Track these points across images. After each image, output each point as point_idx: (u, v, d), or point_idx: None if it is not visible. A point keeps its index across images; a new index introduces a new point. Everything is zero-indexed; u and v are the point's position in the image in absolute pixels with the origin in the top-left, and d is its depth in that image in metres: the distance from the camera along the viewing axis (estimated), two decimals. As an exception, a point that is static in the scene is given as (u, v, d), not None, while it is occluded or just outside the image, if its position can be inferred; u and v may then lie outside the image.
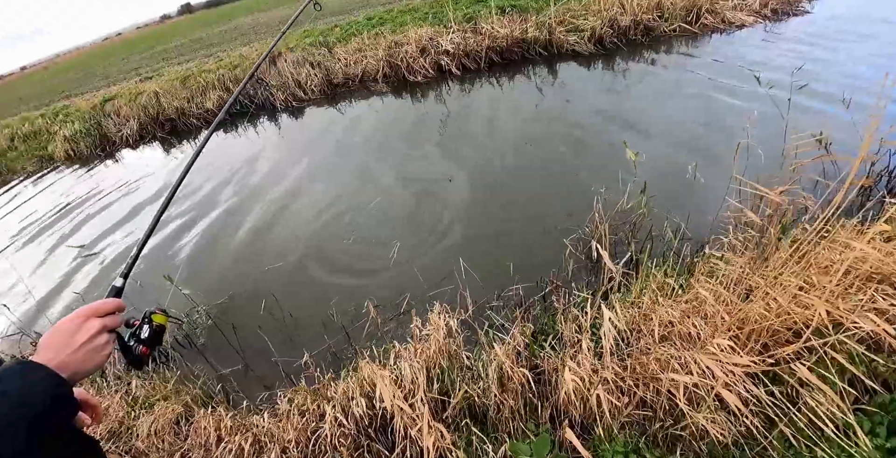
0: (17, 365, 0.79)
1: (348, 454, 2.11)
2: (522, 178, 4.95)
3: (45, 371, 0.79)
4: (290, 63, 10.01)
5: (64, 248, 6.26)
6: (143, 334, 1.03)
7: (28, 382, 0.77)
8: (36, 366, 0.79)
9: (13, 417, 0.72)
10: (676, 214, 3.63)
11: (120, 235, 6.18)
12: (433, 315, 2.64)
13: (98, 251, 5.84)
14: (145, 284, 4.54)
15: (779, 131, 3.89)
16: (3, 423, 0.71)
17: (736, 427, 1.87)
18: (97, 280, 5.12)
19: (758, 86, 4.48)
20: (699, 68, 6.73)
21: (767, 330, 2.12)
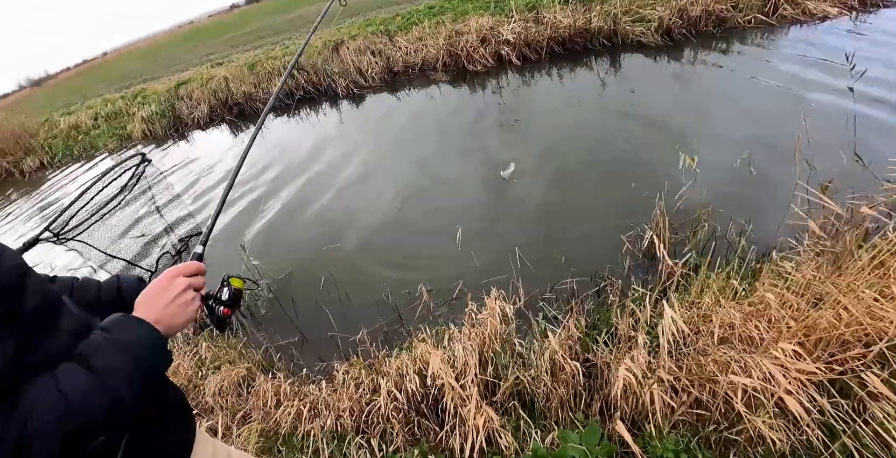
0: (124, 317, 0.89)
1: (399, 428, 2.18)
2: (581, 172, 4.87)
3: (148, 326, 0.88)
4: (351, 51, 10.22)
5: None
6: (224, 297, 1.12)
7: (137, 334, 0.87)
8: (140, 320, 0.89)
9: (130, 366, 0.81)
10: (743, 217, 3.48)
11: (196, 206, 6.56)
12: (489, 300, 2.68)
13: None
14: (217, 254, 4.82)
15: (867, 134, 3.65)
16: (123, 373, 0.80)
17: (795, 436, 1.81)
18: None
19: (843, 82, 4.20)
20: (776, 62, 6.34)
21: (837, 340, 2.02)
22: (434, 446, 2.12)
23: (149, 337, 0.87)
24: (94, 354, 0.80)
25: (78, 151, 12.51)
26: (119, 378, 0.79)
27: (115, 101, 15.57)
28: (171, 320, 0.93)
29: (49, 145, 13.36)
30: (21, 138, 13.85)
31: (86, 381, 0.75)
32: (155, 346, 0.88)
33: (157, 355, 0.88)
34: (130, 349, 0.83)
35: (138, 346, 0.85)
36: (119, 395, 0.78)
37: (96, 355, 0.80)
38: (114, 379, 0.78)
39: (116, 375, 0.79)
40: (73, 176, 10.97)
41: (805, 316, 2.09)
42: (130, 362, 0.82)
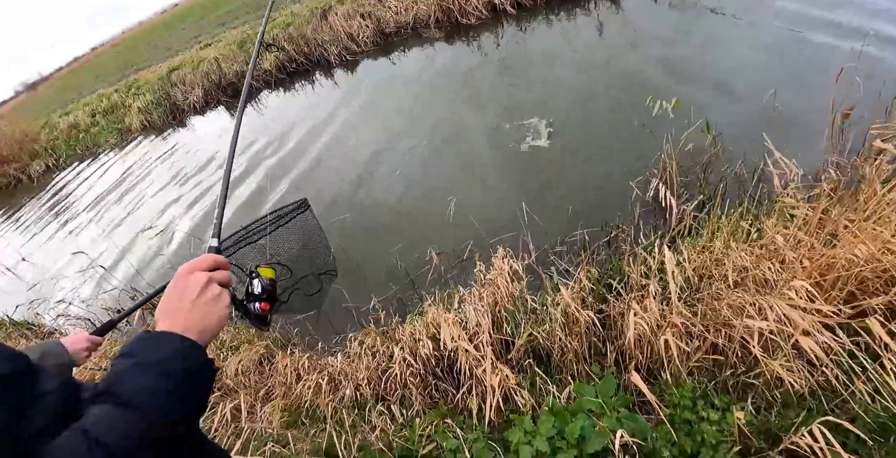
0: (145, 334, 0.75)
1: (417, 393, 2.17)
2: (584, 121, 4.70)
3: (176, 336, 0.74)
4: (340, 16, 9.85)
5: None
6: (256, 290, 1.00)
7: (166, 349, 0.72)
8: (164, 333, 0.74)
9: (169, 386, 0.69)
10: (754, 155, 3.31)
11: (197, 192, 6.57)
12: (497, 259, 2.62)
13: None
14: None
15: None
16: (162, 395, 0.68)
17: (814, 378, 1.74)
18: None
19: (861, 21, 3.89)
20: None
21: (855, 277, 1.92)
22: (452, 407, 2.13)
23: (180, 349, 0.73)
24: (119, 384, 0.67)
25: (81, 150, 12.58)
26: (159, 403, 0.67)
27: (111, 95, 15.48)
28: (201, 323, 0.77)
29: (52, 148, 13.46)
30: (24, 144, 13.96)
31: (121, 417, 0.65)
32: (190, 356, 0.73)
33: (196, 365, 0.73)
34: (163, 367, 0.70)
35: (171, 360, 0.71)
36: (165, 419, 0.67)
37: (123, 385, 0.67)
38: (154, 407, 0.66)
39: (155, 399, 0.67)
40: (78, 170, 11.09)
41: (820, 255, 1.98)
42: (167, 382, 0.69)
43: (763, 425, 1.72)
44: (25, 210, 10.37)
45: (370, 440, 2.06)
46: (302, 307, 2.00)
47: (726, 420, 1.73)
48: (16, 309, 4.84)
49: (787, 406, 1.78)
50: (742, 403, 1.81)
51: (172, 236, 5.53)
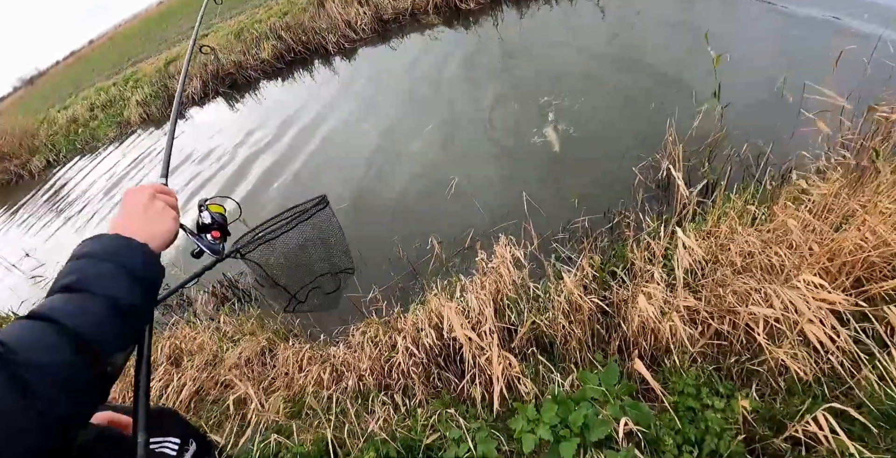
0: (92, 239, 0.76)
1: (420, 382, 2.17)
2: (586, 106, 4.62)
3: (127, 238, 0.76)
4: (337, 4, 9.71)
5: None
6: (206, 221, 1.08)
7: (116, 244, 0.75)
8: (115, 235, 0.77)
9: (120, 271, 0.71)
10: (759, 138, 3.26)
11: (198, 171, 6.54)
12: (499, 248, 2.59)
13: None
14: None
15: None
16: (115, 278, 0.70)
17: (819, 364, 1.72)
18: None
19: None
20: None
21: (863, 263, 1.89)
22: (455, 396, 2.12)
23: (131, 246, 0.75)
24: (70, 275, 0.68)
25: (80, 144, 12.51)
26: (112, 284, 0.68)
27: (108, 88, 15.39)
28: (151, 229, 0.81)
29: (52, 143, 13.40)
30: (23, 140, 13.91)
31: (77, 300, 0.65)
32: (140, 251, 0.76)
33: (146, 261, 0.75)
34: (114, 258, 0.71)
35: (122, 253, 0.73)
36: (118, 300, 0.67)
37: (74, 275, 0.68)
38: (106, 287, 0.68)
39: (106, 281, 0.68)
40: (79, 165, 11.07)
41: (828, 239, 1.95)
42: (119, 268, 0.70)
43: (768, 412, 1.70)
44: (27, 206, 10.37)
45: (374, 430, 2.06)
46: (321, 305, 2.03)
47: (731, 408, 1.71)
48: (21, 305, 4.87)
49: (791, 393, 1.76)
50: (746, 390, 1.79)
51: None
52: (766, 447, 1.66)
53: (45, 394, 0.57)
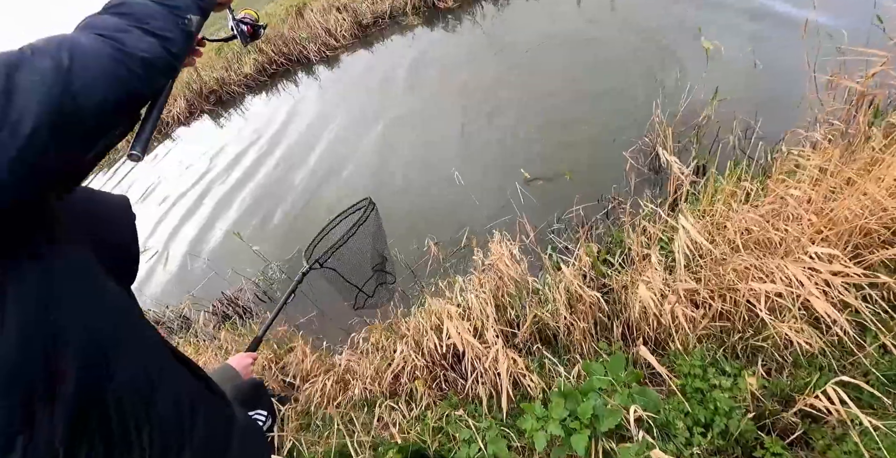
0: None
1: (426, 386, 2.15)
2: (572, 92, 4.60)
3: None
4: (316, 12, 9.69)
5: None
6: (242, 17, 1.29)
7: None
8: None
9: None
10: (747, 113, 3.25)
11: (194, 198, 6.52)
12: (493, 244, 2.58)
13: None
14: (221, 247, 4.81)
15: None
16: (184, 4, 0.79)
17: (824, 337, 1.72)
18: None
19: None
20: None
21: (860, 230, 1.88)
22: (463, 397, 2.10)
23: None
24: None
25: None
26: (177, 4, 0.78)
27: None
28: None
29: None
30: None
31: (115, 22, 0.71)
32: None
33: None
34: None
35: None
36: (182, 17, 0.77)
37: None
38: (178, 4, 0.78)
39: (175, 1, 0.78)
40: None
41: (825, 209, 1.93)
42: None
43: (775, 387, 1.69)
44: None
45: (384, 436, 2.05)
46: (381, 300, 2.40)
47: (738, 386, 1.70)
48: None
49: (798, 366, 1.75)
50: (753, 367, 1.78)
51: (168, 256, 5.48)
52: (777, 422, 1.65)
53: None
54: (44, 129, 0.57)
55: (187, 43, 0.79)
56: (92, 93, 0.62)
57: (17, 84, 0.57)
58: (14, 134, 0.55)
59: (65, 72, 0.60)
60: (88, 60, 0.62)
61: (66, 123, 0.59)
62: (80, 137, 0.63)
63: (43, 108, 0.57)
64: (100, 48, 0.64)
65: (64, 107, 0.59)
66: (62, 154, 0.61)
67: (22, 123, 0.55)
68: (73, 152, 0.63)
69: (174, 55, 0.74)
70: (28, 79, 0.57)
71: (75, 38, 0.64)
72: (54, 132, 0.58)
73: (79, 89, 0.60)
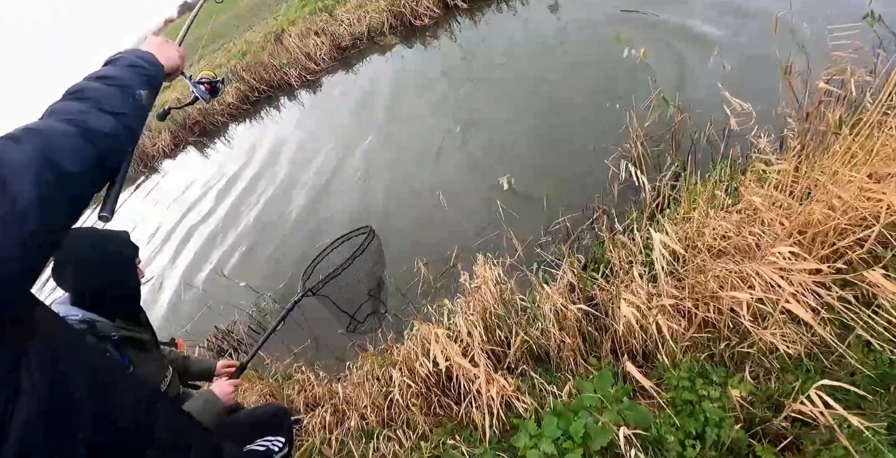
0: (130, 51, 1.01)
1: (422, 413, 2.15)
2: (549, 104, 4.67)
3: (142, 51, 1.04)
4: (294, 37, 9.81)
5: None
6: (199, 78, 1.47)
7: (134, 54, 1.00)
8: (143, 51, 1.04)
9: (138, 76, 0.94)
10: (722, 114, 3.29)
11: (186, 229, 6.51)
12: (478, 267, 2.59)
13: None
14: (212, 283, 4.80)
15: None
16: (134, 81, 0.92)
17: (808, 338, 1.73)
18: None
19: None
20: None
21: (834, 230, 1.91)
22: (457, 422, 2.10)
23: (144, 55, 1.01)
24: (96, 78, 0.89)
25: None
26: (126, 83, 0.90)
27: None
28: (162, 53, 1.07)
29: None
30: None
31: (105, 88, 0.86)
32: (151, 61, 1.01)
33: (157, 65, 1.03)
34: (131, 63, 0.96)
35: (148, 60, 1.00)
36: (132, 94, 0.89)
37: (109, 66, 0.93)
38: (127, 83, 0.90)
39: (125, 82, 0.90)
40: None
41: (797, 213, 1.96)
42: (133, 71, 0.94)
43: (764, 393, 1.70)
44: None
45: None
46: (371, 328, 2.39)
47: (726, 395, 1.71)
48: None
49: (785, 371, 1.76)
50: (740, 374, 1.79)
51: (162, 285, 5.48)
52: (768, 428, 1.66)
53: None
54: (35, 202, 0.66)
55: (140, 115, 0.90)
56: (71, 166, 0.72)
57: (6, 169, 0.65)
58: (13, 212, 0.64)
59: (44, 154, 0.69)
60: (61, 142, 0.72)
61: (52, 195, 0.69)
62: (65, 204, 0.72)
63: (32, 186, 0.66)
64: (67, 130, 0.74)
65: (50, 181, 0.69)
66: (50, 221, 0.70)
67: (18, 202, 0.65)
68: (59, 218, 0.72)
69: (129, 127, 0.85)
70: (15, 163, 0.66)
71: (47, 124, 0.75)
72: (43, 204, 0.67)
73: (58, 166, 0.70)
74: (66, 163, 0.71)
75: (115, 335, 1.36)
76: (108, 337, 1.34)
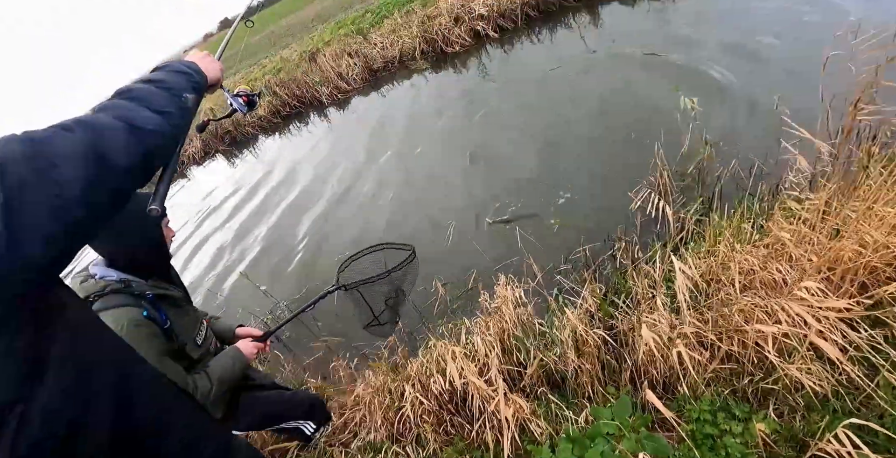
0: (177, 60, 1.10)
1: (432, 430, 2.13)
2: (576, 136, 4.72)
3: (188, 61, 1.12)
4: (328, 57, 10.13)
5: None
6: (238, 91, 1.55)
7: (181, 63, 1.08)
8: (189, 60, 1.13)
9: (185, 81, 1.01)
10: (751, 152, 3.31)
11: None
12: (499, 288, 2.60)
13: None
14: (230, 289, 4.86)
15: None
16: (180, 85, 0.98)
17: (835, 376, 1.69)
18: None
19: None
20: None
21: (865, 268, 1.89)
22: (469, 443, 2.07)
23: (191, 64, 1.10)
24: (144, 81, 0.95)
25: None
26: (173, 86, 0.96)
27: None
28: (205, 65, 1.15)
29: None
30: None
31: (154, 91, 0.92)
32: (196, 69, 1.09)
33: (202, 74, 1.10)
34: (178, 69, 1.03)
35: (193, 69, 1.07)
36: (179, 96, 0.95)
37: (146, 81, 0.95)
38: (174, 86, 0.96)
39: (172, 85, 0.96)
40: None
41: (826, 249, 1.95)
42: (180, 76, 1.01)
43: (788, 431, 1.66)
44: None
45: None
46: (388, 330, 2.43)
47: (749, 431, 1.67)
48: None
49: (810, 409, 1.72)
50: (764, 410, 1.75)
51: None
52: (791, 470, 1.61)
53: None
54: (82, 191, 0.70)
55: (185, 116, 0.96)
56: (118, 159, 0.76)
57: (59, 156, 0.69)
58: (62, 197, 0.68)
59: (93, 146, 0.73)
60: (109, 136, 0.76)
61: (97, 185, 0.72)
62: (109, 195, 0.76)
63: (81, 174, 0.70)
64: (115, 125, 0.79)
65: (97, 172, 0.72)
66: (95, 211, 0.74)
67: (67, 189, 0.68)
68: (102, 210, 0.76)
69: (174, 126, 0.90)
70: (66, 152, 0.70)
71: (98, 118, 0.79)
72: (89, 194, 0.71)
73: (106, 158, 0.74)
74: (113, 156, 0.75)
75: (150, 293, 1.43)
76: (144, 295, 1.41)
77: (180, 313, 1.56)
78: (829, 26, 4.14)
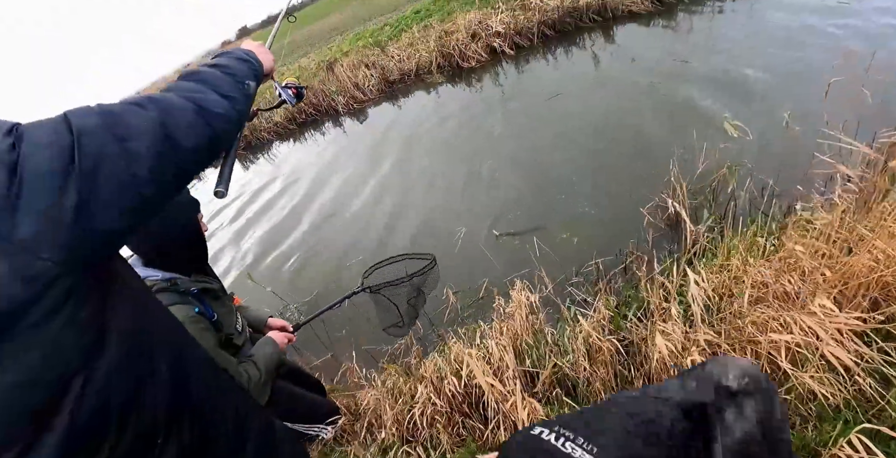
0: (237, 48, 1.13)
1: (444, 431, 2.15)
2: (590, 152, 4.79)
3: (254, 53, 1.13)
4: (346, 67, 10.31)
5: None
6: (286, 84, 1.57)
7: (246, 52, 1.11)
8: (248, 49, 1.14)
9: (247, 69, 1.04)
10: (764, 170, 3.36)
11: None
12: (514, 293, 2.64)
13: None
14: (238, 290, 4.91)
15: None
16: (243, 72, 1.01)
17: (848, 387, 1.71)
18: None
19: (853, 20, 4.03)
20: (776, 5, 6.14)
21: (877, 283, 1.92)
22: (481, 445, 2.09)
23: (250, 52, 1.11)
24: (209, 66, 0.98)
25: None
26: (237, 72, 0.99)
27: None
28: (261, 55, 1.15)
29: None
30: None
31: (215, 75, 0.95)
32: (255, 58, 1.11)
33: (259, 62, 1.12)
34: (241, 57, 1.06)
35: (245, 55, 1.08)
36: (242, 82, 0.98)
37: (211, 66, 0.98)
38: (238, 73, 0.99)
39: (236, 72, 0.99)
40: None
41: (840, 264, 1.98)
42: (242, 63, 1.04)
43: (800, 441, 1.68)
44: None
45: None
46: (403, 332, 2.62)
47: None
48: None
49: (822, 419, 1.74)
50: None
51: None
52: (805, 480, 1.63)
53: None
54: (150, 168, 0.73)
55: (248, 103, 0.99)
56: (185, 139, 0.79)
57: (132, 130, 0.73)
58: (128, 171, 0.71)
59: (164, 124, 0.76)
60: (179, 115, 0.80)
61: (164, 163, 0.76)
62: (174, 175, 0.79)
63: (153, 150, 0.74)
64: (185, 105, 0.82)
65: (165, 149, 0.76)
66: (162, 188, 0.77)
67: (135, 164, 0.71)
68: (167, 187, 0.79)
69: (239, 111, 0.93)
70: (139, 128, 0.74)
71: (169, 98, 0.82)
72: (157, 171, 0.74)
73: (174, 137, 0.77)
74: (180, 136, 0.77)
75: (195, 289, 1.46)
76: (189, 292, 1.44)
77: (219, 304, 1.59)
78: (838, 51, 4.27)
